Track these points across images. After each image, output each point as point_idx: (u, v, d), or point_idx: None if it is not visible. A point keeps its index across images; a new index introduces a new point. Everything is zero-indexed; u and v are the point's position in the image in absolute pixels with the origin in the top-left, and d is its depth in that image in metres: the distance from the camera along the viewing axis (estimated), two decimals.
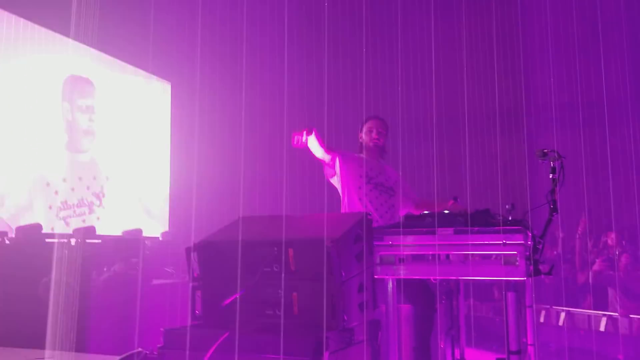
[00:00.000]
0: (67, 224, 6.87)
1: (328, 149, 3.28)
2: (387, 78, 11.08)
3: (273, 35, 8.95)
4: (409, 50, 11.13)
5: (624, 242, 6.53)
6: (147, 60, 8.34)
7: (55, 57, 7.04)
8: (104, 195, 7.58)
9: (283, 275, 2.21)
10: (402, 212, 3.42)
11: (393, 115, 3.66)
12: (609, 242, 6.62)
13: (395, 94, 10.63)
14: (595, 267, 6.03)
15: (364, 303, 2.30)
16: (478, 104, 10.43)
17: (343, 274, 2.13)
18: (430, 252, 2.81)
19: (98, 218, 7.35)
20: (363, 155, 3.47)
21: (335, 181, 3.42)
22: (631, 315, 5.52)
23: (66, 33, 6.83)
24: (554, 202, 2.63)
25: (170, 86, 9.28)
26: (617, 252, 5.84)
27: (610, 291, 5.93)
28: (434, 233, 2.49)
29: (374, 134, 3.45)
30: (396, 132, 3.68)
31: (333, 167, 3.35)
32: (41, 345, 4.05)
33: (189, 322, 2.29)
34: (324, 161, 3.35)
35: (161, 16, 8.09)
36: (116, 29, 7.60)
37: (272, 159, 9.29)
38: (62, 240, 5.60)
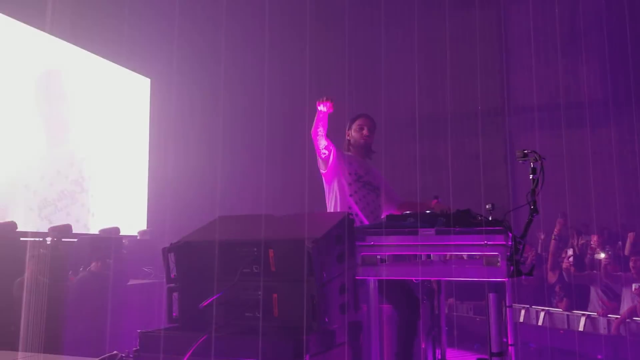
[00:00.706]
0: (50, 222, 6.69)
1: (327, 135, 3.20)
2: (370, 78, 11.08)
3: (254, 32, 8.87)
4: (391, 50, 11.14)
5: (605, 245, 6.58)
6: (126, 56, 8.22)
7: (30, 52, 6.88)
8: (83, 180, 7.44)
9: (263, 276, 2.16)
10: (384, 213, 3.39)
11: (375, 115, 3.61)
12: (592, 243, 6.67)
13: (377, 94, 10.63)
14: (564, 265, 6.09)
15: (346, 304, 2.27)
16: (459, 105, 10.48)
17: (324, 275, 2.09)
18: (412, 253, 2.78)
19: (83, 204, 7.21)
20: (351, 154, 3.42)
21: (325, 174, 3.31)
22: (609, 315, 5.57)
23: (42, 27, 6.69)
24: (534, 203, 2.63)
25: (149, 81, 9.14)
26: (602, 254, 5.89)
27: (592, 291, 5.98)
28: (416, 233, 2.46)
29: (365, 131, 3.40)
30: (379, 132, 3.64)
31: (328, 158, 3.25)
32: (15, 347, 3.95)
33: (165, 324, 2.23)
34: (319, 148, 3.23)
35: (140, 11, 7.97)
36: (94, 23, 7.47)
37: (251, 157, 9.22)
38: (37, 238, 5.47)
